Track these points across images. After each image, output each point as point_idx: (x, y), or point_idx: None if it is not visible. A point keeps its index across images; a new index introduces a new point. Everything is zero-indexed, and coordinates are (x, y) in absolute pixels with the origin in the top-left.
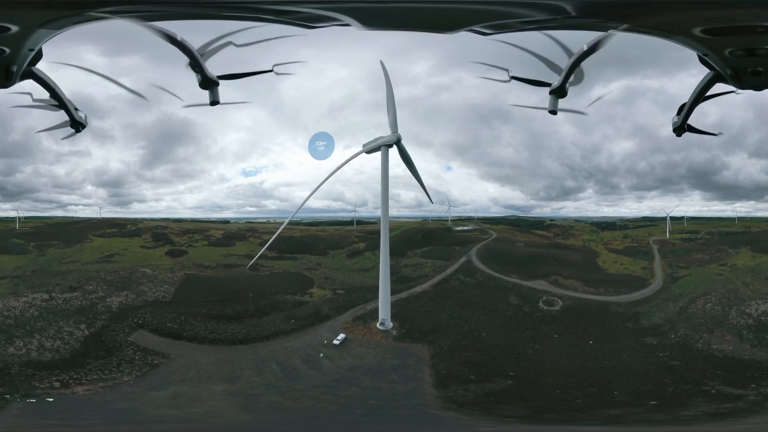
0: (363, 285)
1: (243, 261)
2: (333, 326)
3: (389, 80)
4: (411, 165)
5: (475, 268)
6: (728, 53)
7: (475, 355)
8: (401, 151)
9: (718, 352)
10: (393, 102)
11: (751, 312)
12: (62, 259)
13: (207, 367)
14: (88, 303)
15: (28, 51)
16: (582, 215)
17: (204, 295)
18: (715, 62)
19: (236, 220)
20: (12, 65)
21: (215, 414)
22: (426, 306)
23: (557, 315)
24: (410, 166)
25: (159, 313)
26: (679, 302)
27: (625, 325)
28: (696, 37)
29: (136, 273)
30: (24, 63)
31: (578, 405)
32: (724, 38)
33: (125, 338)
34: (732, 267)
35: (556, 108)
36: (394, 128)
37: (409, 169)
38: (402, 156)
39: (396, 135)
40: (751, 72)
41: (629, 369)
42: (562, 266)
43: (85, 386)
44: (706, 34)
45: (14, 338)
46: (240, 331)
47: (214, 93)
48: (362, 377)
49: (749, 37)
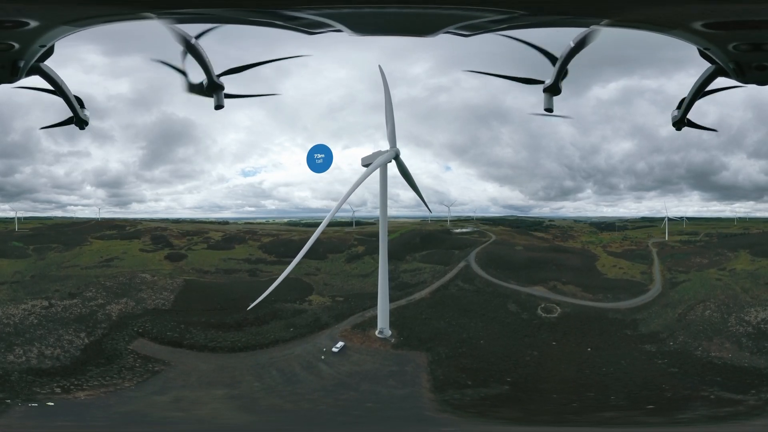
0: (362, 292)
1: (242, 266)
2: (332, 334)
3: (388, 90)
4: (409, 178)
5: (473, 274)
6: (732, 47)
7: (473, 361)
8: (400, 165)
9: (717, 359)
10: (392, 113)
11: (750, 320)
12: (61, 264)
13: (207, 373)
14: (87, 311)
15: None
16: (581, 215)
17: (204, 303)
18: (717, 56)
19: (235, 220)
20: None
21: (219, 415)
22: (425, 314)
23: (556, 322)
24: (408, 180)
25: (159, 321)
26: (677, 309)
27: (623, 332)
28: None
29: (136, 279)
30: (32, 59)
31: (573, 408)
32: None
33: (125, 346)
34: (731, 272)
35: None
36: (392, 142)
37: (407, 182)
38: (400, 170)
39: (394, 150)
40: (756, 66)
41: (627, 375)
42: (561, 271)
43: (87, 391)
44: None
45: (14, 346)
46: (240, 339)
47: (219, 97)
48: (360, 382)
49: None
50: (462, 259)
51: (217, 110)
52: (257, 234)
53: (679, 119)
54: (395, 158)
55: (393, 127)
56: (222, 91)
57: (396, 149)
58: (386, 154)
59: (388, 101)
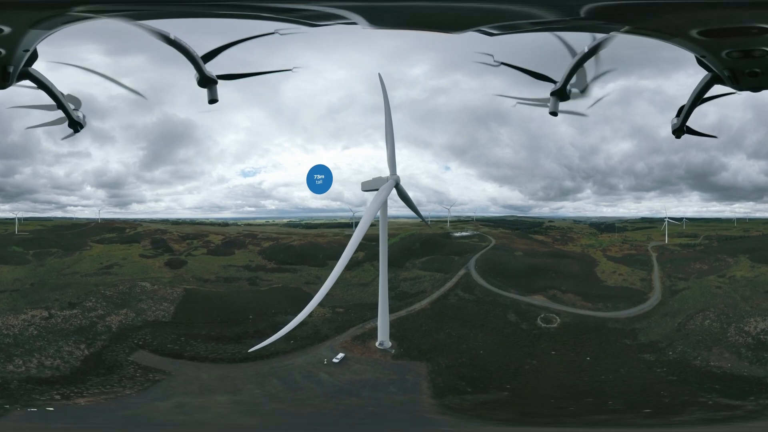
0: (362, 302)
1: (242, 273)
2: (332, 345)
3: (389, 113)
4: (409, 202)
5: (473, 283)
6: (725, 55)
7: (473, 370)
8: (400, 192)
9: (716, 368)
10: (392, 137)
11: (750, 330)
12: (61, 270)
13: (209, 381)
14: (87, 322)
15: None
16: (581, 215)
17: (204, 315)
18: (712, 64)
19: (235, 220)
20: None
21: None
22: (425, 325)
23: (555, 332)
24: (408, 203)
25: (159, 334)
26: (677, 318)
27: (623, 341)
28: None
29: (136, 288)
30: (20, 64)
31: (570, 412)
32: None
33: (125, 358)
34: (731, 279)
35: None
36: (392, 170)
37: (407, 205)
38: (400, 196)
39: (395, 179)
40: (749, 73)
41: (625, 383)
42: (561, 278)
43: (87, 398)
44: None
45: (13, 357)
46: (240, 351)
47: (213, 92)
48: (361, 389)
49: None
50: (462, 266)
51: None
52: (257, 238)
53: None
54: (396, 186)
55: (393, 154)
56: (215, 85)
57: (396, 177)
58: (387, 185)
59: (388, 124)
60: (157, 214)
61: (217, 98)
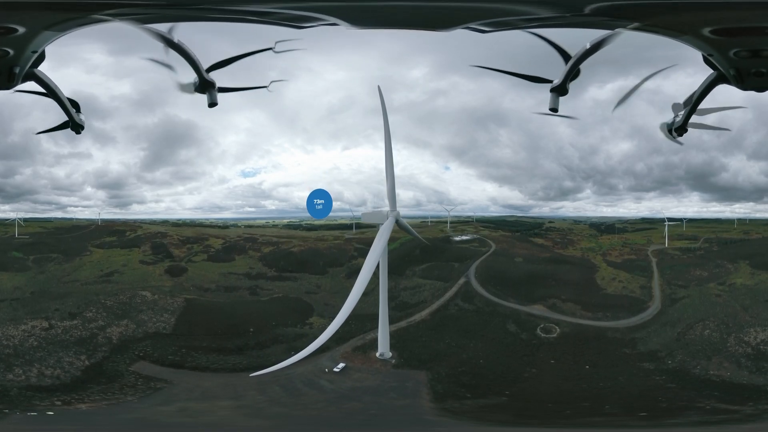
0: (362, 312)
1: (242, 282)
2: (333, 356)
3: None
4: (408, 230)
5: (473, 292)
6: (733, 54)
7: (472, 378)
8: (400, 225)
9: (715, 377)
10: (392, 170)
11: (750, 340)
12: (61, 278)
13: (211, 388)
14: (88, 333)
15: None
16: (581, 215)
17: (205, 326)
18: (719, 63)
19: (235, 220)
20: (15, 66)
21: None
22: (425, 336)
23: (555, 342)
24: (408, 231)
25: (160, 345)
26: (677, 327)
27: (622, 350)
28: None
29: (136, 298)
30: (27, 65)
31: (566, 415)
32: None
33: (126, 368)
34: (730, 286)
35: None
36: (392, 205)
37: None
38: (400, 227)
39: (395, 214)
40: (755, 73)
41: (624, 389)
42: (561, 287)
43: (88, 404)
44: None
45: (13, 366)
46: (241, 362)
47: (212, 95)
48: (362, 395)
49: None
50: (462, 274)
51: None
52: (257, 242)
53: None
54: (396, 221)
55: (393, 189)
56: (214, 88)
57: (396, 212)
58: (389, 222)
59: (388, 157)
60: (158, 214)
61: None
